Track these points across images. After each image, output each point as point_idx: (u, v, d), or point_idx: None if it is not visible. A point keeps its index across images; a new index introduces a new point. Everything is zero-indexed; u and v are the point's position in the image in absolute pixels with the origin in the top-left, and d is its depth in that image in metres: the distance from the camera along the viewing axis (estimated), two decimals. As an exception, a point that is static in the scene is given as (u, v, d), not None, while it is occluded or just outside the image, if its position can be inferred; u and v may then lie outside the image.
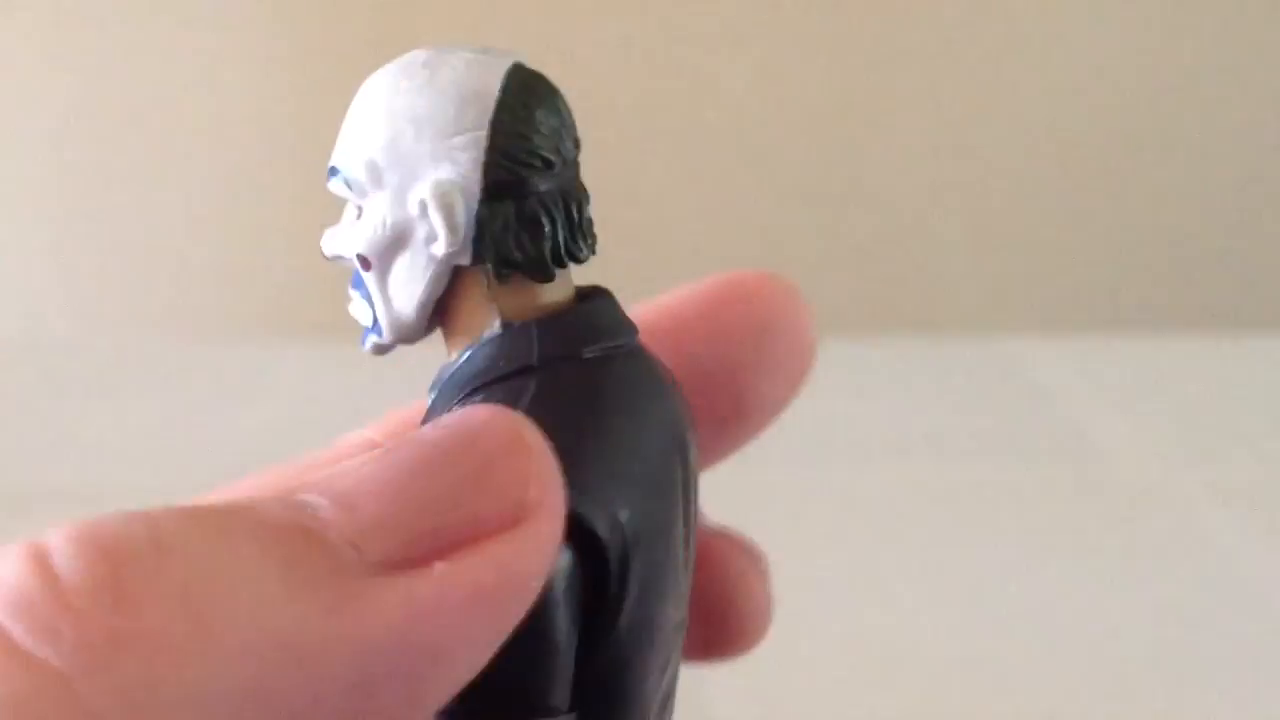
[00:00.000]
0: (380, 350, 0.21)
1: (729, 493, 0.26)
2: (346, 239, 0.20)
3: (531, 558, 0.17)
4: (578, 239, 0.20)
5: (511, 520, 0.16)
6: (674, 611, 0.20)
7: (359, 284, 0.21)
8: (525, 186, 0.19)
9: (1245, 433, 0.71)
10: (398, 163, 0.20)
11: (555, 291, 0.20)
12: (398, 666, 0.16)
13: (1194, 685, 0.47)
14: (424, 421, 0.20)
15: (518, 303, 0.20)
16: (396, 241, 0.20)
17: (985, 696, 0.46)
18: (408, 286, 0.20)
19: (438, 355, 0.21)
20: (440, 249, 0.19)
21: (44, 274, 1.03)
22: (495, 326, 0.20)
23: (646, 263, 0.68)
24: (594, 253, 0.21)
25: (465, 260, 0.20)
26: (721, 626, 0.24)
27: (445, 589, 0.16)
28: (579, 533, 0.18)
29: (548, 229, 0.20)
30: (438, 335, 0.21)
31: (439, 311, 0.20)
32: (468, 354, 0.20)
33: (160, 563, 0.15)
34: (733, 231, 1.01)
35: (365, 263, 0.20)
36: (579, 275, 0.21)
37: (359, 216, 0.20)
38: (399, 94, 0.20)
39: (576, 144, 0.20)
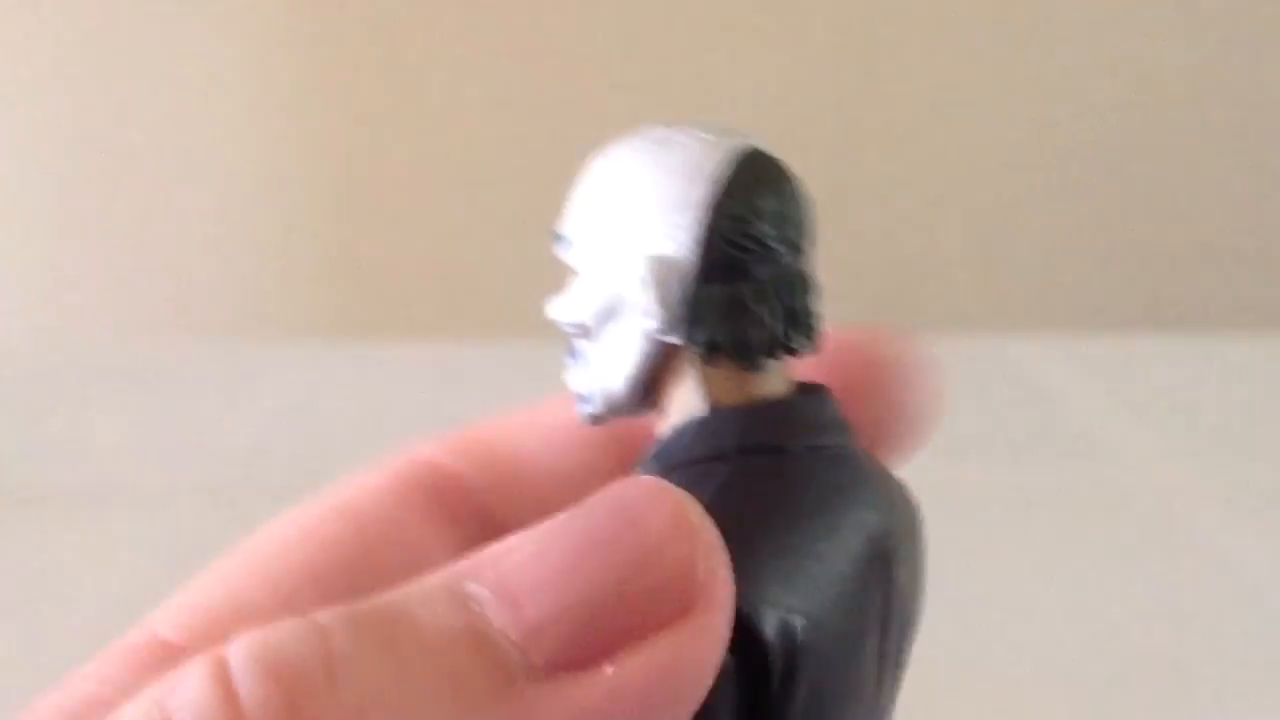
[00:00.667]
0: (595, 421, 0.21)
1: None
2: (568, 306, 0.20)
3: (701, 653, 0.16)
4: (794, 331, 0.19)
5: (679, 611, 0.16)
6: None
7: (577, 352, 0.21)
8: (743, 271, 0.19)
9: (1245, 432, 0.71)
10: (619, 236, 0.19)
11: (769, 382, 0.20)
12: None
13: (1193, 684, 0.47)
14: None
15: (727, 388, 0.19)
16: (611, 313, 0.20)
17: (984, 696, 0.46)
18: (619, 359, 0.20)
19: (440, 357, 0.21)
20: (651, 325, 0.19)
21: (45, 275, 1.03)
22: (702, 409, 0.19)
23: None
24: (813, 346, 0.20)
25: (677, 339, 0.19)
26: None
27: (614, 694, 0.15)
28: (743, 632, 0.17)
29: (763, 317, 0.19)
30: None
31: (653, 388, 0.20)
32: (672, 434, 0.20)
33: (332, 686, 0.15)
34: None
35: (581, 331, 0.20)
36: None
37: (582, 285, 0.20)
38: (629, 168, 0.20)
39: (809, 234, 0.20)
